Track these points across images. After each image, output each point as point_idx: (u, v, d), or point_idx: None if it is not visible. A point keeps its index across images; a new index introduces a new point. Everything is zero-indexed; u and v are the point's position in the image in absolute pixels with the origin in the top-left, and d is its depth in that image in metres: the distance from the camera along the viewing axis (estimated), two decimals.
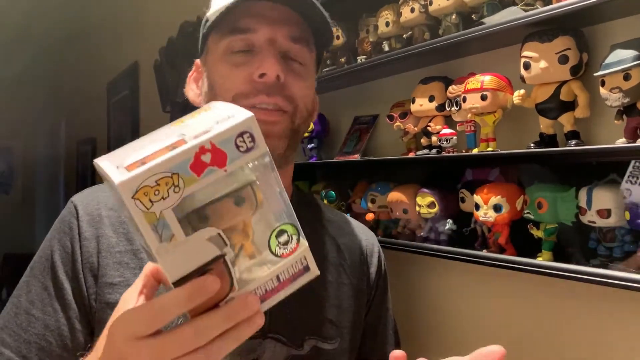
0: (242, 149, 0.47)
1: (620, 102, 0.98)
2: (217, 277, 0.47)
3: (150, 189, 0.44)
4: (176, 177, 0.45)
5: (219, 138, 0.46)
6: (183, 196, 0.45)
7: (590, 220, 1.04)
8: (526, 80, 1.15)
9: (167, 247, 0.45)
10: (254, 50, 0.76)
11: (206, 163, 0.46)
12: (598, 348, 1.15)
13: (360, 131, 1.78)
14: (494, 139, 1.26)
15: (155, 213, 0.44)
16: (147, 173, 0.44)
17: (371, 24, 1.65)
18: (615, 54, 1.00)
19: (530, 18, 1.10)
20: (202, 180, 0.46)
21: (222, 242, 0.48)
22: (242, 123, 0.48)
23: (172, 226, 0.45)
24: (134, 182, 0.43)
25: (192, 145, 0.45)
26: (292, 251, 0.52)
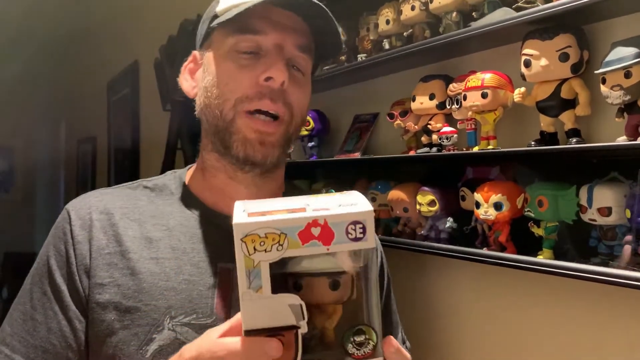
0: (350, 237, 0.50)
1: (621, 100, 0.98)
2: (285, 345, 0.49)
3: (258, 238, 0.49)
4: (283, 237, 0.49)
5: (333, 219, 0.49)
6: (282, 256, 0.49)
7: (591, 219, 1.04)
8: (527, 78, 1.15)
9: (252, 295, 0.49)
10: (261, 53, 0.76)
11: (313, 235, 0.49)
12: (598, 346, 1.15)
13: (361, 129, 1.78)
14: (494, 137, 1.26)
15: (254, 260, 0.49)
16: (260, 224, 0.48)
17: (372, 22, 1.65)
18: (616, 51, 0.99)
19: (531, 16, 1.09)
20: (304, 249, 0.49)
21: (300, 314, 0.50)
22: (359, 213, 0.50)
23: (263, 279, 0.49)
24: (247, 227, 0.48)
25: (307, 215, 0.49)
26: (364, 355, 0.51)
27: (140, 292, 0.74)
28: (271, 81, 0.75)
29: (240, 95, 0.76)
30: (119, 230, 0.78)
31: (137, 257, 0.76)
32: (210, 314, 0.74)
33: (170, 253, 0.78)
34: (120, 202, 0.82)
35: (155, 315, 0.74)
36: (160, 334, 0.73)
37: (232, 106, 0.76)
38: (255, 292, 0.49)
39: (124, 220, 0.79)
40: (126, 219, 0.79)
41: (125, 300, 0.74)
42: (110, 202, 0.81)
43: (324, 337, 0.51)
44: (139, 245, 0.78)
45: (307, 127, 1.85)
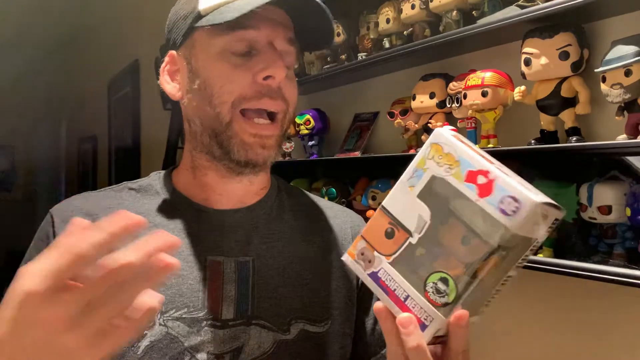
0: (501, 206, 0.51)
1: (621, 98, 0.98)
2: (395, 240, 0.55)
3: (441, 151, 0.55)
4: (457, 164, 0.54)
5: (501, 182, 0.52)
6: (444, 177, 0.54)
7: (591, 217, 1.04)
8: (527, 77, 1.15)
9: (404, 187, 0.57)
10: (253, 52, 0.75)
11: (476, 182, 0.53)
12: (598, 344, 1.15)
13: (361, 128, 1.78)
14: (494, 136, 1.26)
15: (425, 164, 0.56)
16: (452, 143, 0.55)
17: (372, 21, 1.65)
18: (616, 50, 0.99)
19: (531, 14, 1.09)
20: (462, 185, 0.53)
21: (421, 228, 0.55)
22: (523, 195, 0.51)
23: (420, 181, 0.56)
24: (443, 137, 0.55)
25: (484, 163, 0.53)
26: (433, 302, 0.54)
27: None
28: (270, 80, 0.73)
29: (238, 96, 0.74)
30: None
31: None
32: (202, 307, 0.74)
33: None
34: (104, 203, 0.81)
35: None
36: (152, 329, 0.72)
37: (230, 108, 0.74)
38: (407, 187, 0.55)
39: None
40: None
41: None
42: (95, 204, 0.80)
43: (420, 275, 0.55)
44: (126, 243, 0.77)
45: (308, 126, 1.85)
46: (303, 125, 1.85)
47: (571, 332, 1.20)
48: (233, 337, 0.74)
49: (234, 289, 0.76)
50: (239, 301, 0.75)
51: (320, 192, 1.76)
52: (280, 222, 0.85)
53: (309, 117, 1.85)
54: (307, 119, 1.85)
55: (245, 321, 0.75)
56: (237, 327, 0.74)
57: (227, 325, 0.74)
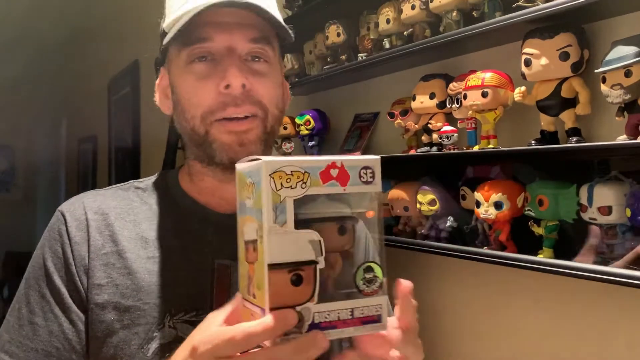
0: (362, 180, 0.55)
1: (622, 99, 0.98)
2: (305, 280, 0.51)
3: (285, 175, 0.52)
4: (307, 175, 0.53)
5: (349, 163, 0.55)
6: (306, 193, 0.52)
7: (592, 218, 1.04)
8: (527, 77, 1.15)
9: (277, 229, 0.51)
10: (215, 59, 0.75)
11: (332, 176, 0.54)
12: (599, 344, 1.15)
13: (361, 129, 1.78)
14: (494, 136, 1.26)
15: (280, 196, 0.52)
16: (288, 162, 0.52)
17: (372, 21, 1.65)
18: (616, 50, 0.99)
19: (531, 15, 1.09)
20: (325, 187, 0.53)
21: (319, 251, 0.53)
22: (369, 160, 0.56)
23: (287, 214, 0.52)
24: (275, 164, 0.52)
25: (327, 158, 0.54)
26: (372, 292, 0.55)
27: (139, 291, 0.74)
28: (230, 88, 0.74)
29: (205, 109, 0.75)
30: (115, 230, 0.78)
31: (134, 257, 0.76)
32: (210, 311, 0.74)
33: (167, 252, 0.77)
34: (114, 203, 0.81)
35: (155, 313, 0.73)
36: (161, 331, 0.73)
37: (201, 121, 0.75)
38: (281, 227, 0.52)
39: (119, 221, 0.79)
40: (121, 219, 0.79)
41: (124, 299, 0.74)
42: (104, 203, 0.81)
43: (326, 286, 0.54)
44: (135, 245, 0.77)
45: (308, 127, 1.85)
46: (303, 125, 1.85)
47: (571, 333, 1.20)
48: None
49: None
50: None
51: None
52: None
53: (309, 117, 1.85)
54: (307, 120, 1.85)
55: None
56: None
57: None
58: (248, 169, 0.56)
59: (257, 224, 0.53)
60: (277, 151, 2.01)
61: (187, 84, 0.76)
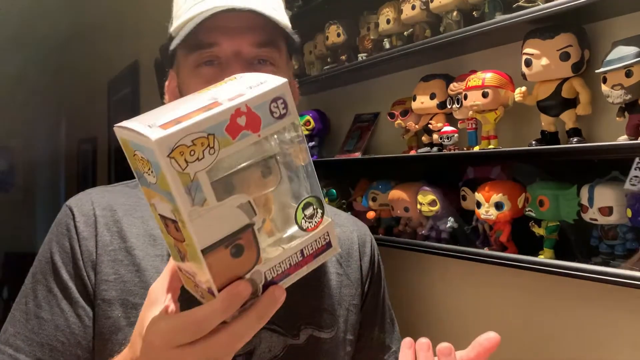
0: (275, 115, 0.47)
1: (622, 99, 0.98)
2: (246, 247, 0.47)
3: (187, 148, 0.42)
4: (212, 138, 0.43)
5: (255, 102, 0.45)
6: (218, 158, 0.44)
7: (592, 218, 1.04)
8: (527, 78, 1.15)
9: (199, 211, 0.44)
10: (222, 64, 0.76)
11: (241, 126, 0.45)
12: (600, 345, 1.15)
13: (362, 129, 1.78)
14: (495, 137, 1.26)
15: (189, 174, 0.43)
16: (184, 132, 0.42)
17: (372, 22, 1.65)
18: (617, 50, 0.99)
19: (532, 15, 1.09)
20: (237, 143, 0.45)
21: (252, 211, 0.47)
22: (277, 88, 0.47)
23: (204, 190, 0.44)
24: (171, 139, 0.42)
25: (228, 106, 0.44)
26: (316, 225, 0.51)
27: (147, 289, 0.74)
28: None
29: None
30: (123, 227, 0.78)
31: (143, 255, 0.76)
32: None
33: None
34: (122, 199, 0.81)
35: None
36: None
37: None
38: (202, 207, 0.44)
39: (127, 217, 0.79)
40: (129, 216, 0.79)
41: (131, 297, 0.74)
42: (113, 199, 0.81)
43: (265, 229, 0.50)
44: (144, 242, 0.77)
45: (308, 127, 1.85)
46: (303, 126, 1.85)
47: (572, 334, 1.20)
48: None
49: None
50: None
51: None
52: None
53: (309, 117, 1.85)
54: (307, 120, 1.85)
55: None
56: None
57: None
58: (136, 142, 0.45)
59: (171, 205, 0.45)
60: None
61: (195, 87, 0.76)
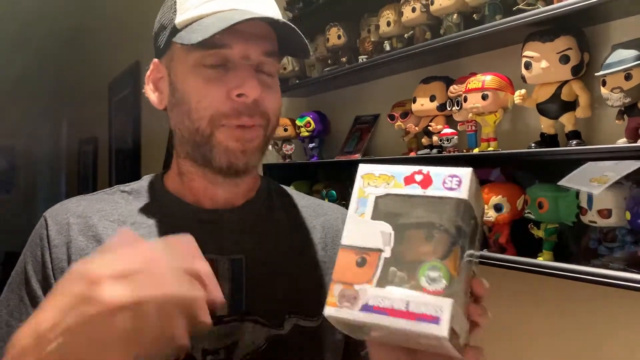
0: (446, 186, 0.58)
1: (622, 102, 0.98)
2: (369, 264, 0.55)
3: (373, 176, 0.60)
4: (392, 178, 0.59)
5: (435, 171, 0.59)
6: (387, 192, 0.58)
7: (591, 220, 1.04)
8: (527, 80, 1.15)
9: (355, 218, 0.58)
10: (228, 65, 0.75)
11: (415, 180, 0.58)
12: (598, 347, 1.15)
13: (362, 131, 1.78)
14: (494, 139, 1.26)
15: (365, 192, 0.59)
16: (378, 168, 0.60)
17: (372, 24, 1.65)
18: (617, 53, 1.00)
19: (532, 18, 1.10)
20: (405, 189, 0.58)
21: (388, 241, 0.56)
22: (458, 169, 0.58)
23: (367, 207, 0.58)
24: (368, 168, 0.61)
25: (413, 166, 0.59)
26: (434, 291, 0.53)
27: None
28: (244, 97, 0.74)
29: (215, 112, 0.75)
30: (99, 231, 0.78)
31: None
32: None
33: None
34: (98, 206, 0.81)
35: None
36: None
37: (209, 122, 0.75)
38: (359, 217, 0.58)
39: (103, 222, 0.79)
40: (105, 220, 0.79)
41: None
42: (88, 207, 0.81)
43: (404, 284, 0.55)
44: None
45: (308, 128, 1.85)
46: (303, 127, 1.85)
47: (571, 336, 1.20)
48: (227, 333, 0.75)
49: (228, 286, 0.77)
50: (233, 298, 0.77)
51: (320, 195, 1.76)
52: (270, 221, 0.86)
53: (309, 119, 1.85)
54: (308, 121, 1.85)
55: (238, 317, 0.76)
56: (231, 323, 0.75)
57: (221, 321, 0.75)
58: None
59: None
60: (278, 153, 2.01)
61: (196, 85, 0.76)
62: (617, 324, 1.12)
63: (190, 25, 0.75)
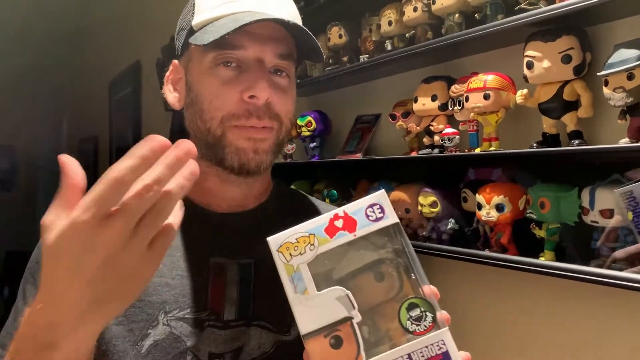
0: (371, 218, 0.54)
1: (624, 102, 0.98)
2: (345, 339, 0.50)
3: (291, 244, 0.54)
4: (312, 236, 0.54)
5: (351, 208, 0.54)
6: (316, 254, 0.53)
7: (593, 221, 1.04)
8: (529, 80, 1.15)
9: (300, 298, 0.53)
10: (242, 66, 0.76)
11: (338, 227, 0.54)
12: (600, 347, 1.15)
13: (363, 130, 1.78)
14: (496, 139, 1.26)
15: (293, 265, 0.53)
16: (290, 232, 0.54)
17: (374, 23, 1.65)
18: (619, 53, 0.99)
19: (534, 17, 1.09)
20: (334, 241, 0.53)
21: (350, 305, 0.52)
22: (373, 197, 0.55)
23: (305, 280, 0.53)
24: (279, 238, 0.54)
25: (328, 213, 0.55)
26: (426, 329, 0.52)
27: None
28: (255, 99, 0.75)
29: (226, 113, 0.75)
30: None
31: None
32: (204, 309, 0.75)
33: None
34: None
35: (150, 310, 0.74)
36: (155, 329, 0.73)
37: (220, 123, 0.76)
38: (303, 295, 0.52)
39: None
40: None
41: None
42: None
43: (393, 338, 0.52)
44: None
45: (309, 128, 1.85)
46: (304, 127, 1.85)
47: (572, 336, 1.20)
48: (234, 338, 0.75)
49: (236, 290, 0.77)
50: (241, 302, 0.76)
51: (321, 194, 1.75)
52: (281, 225, 0.85)
53: (310, 118, 1.85)
54: (309, 121, 1.85)
55: (246, 322, 0.76)
56: (238, 327, 0.75)
57: (228, 325, 0.75)
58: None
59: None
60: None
61: (210, 86, 0.76)
62: (618, 324, 1.11)
63: (205, 27, 0.75)
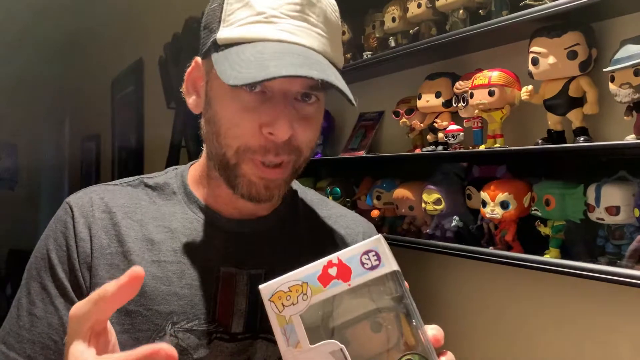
0: (366, 266, 0.51)
1: (630, 98, 0.97)
2: None
3: (284, 294, 0.51)
4: (305, 285, 0.51)
5: (345, 255, 0.52)
6: (310, 304, 0.51)
7: (599, 218, 1.04)
8: (534, 76, 1.14)
9: (293, 352, 0.50)
10: (266, 94, 0.71)
11: (332, 276, 0.51)
12: (605, 345, 1.14)
13: (366, 127, 1.77)
14: (501, 135, 1.25)
15: (285, 317, 0.51)
16: (281, 280, 0.51)
17: (377, 20, 1.65)
18: (625, 49, 0.99)
19: (539, 13, 1.09)
20: (327, 290, 0.51)
21: (343, 357, 0.50)
22: (368, 243, 0.52)
23: (298, 333, 0.50)
24: (271, 287, 0.51)
25: (322, 260, 0.52)
26: None
27: (142, 296, 0.73)
28: (274, 137, 0.70)
29: (242, 144, 0.71)
30: (121, 231, 0.76)
31: (139, 260, 0.75)
32: (212, 321, 0.74)
33: (172, 256, 0.76)
34: (122, 201, 0.80)
35: (158, 320, 0.73)
36: (162, 339, 0.72)
37: (235, 152, 0.72)
38: (295, 348, 0.50)
39: (126, 220, 0.78)
40: (128, 219, 0.78)
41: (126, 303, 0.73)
42: (112, 200, 0.79)
43: None
44: (141, 247, 0.76)
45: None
46: None
47: (577, 333, 1.19)
48: (240, 351, 0.74)
49: (245, 302, 0.76)
50: (249, 314, 0.75)
51: (324, 192, 1.75)
52: (292, 234, 0.84)
53: None
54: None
55: (252, 335, 0.75)
56: (245, 340, 0.75)
57: (235, 338, 0.74)
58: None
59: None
60: None
61: (230, 109, 0.72)
62: (624, 322, 1.11)
63: (229, 50, 0.69)
